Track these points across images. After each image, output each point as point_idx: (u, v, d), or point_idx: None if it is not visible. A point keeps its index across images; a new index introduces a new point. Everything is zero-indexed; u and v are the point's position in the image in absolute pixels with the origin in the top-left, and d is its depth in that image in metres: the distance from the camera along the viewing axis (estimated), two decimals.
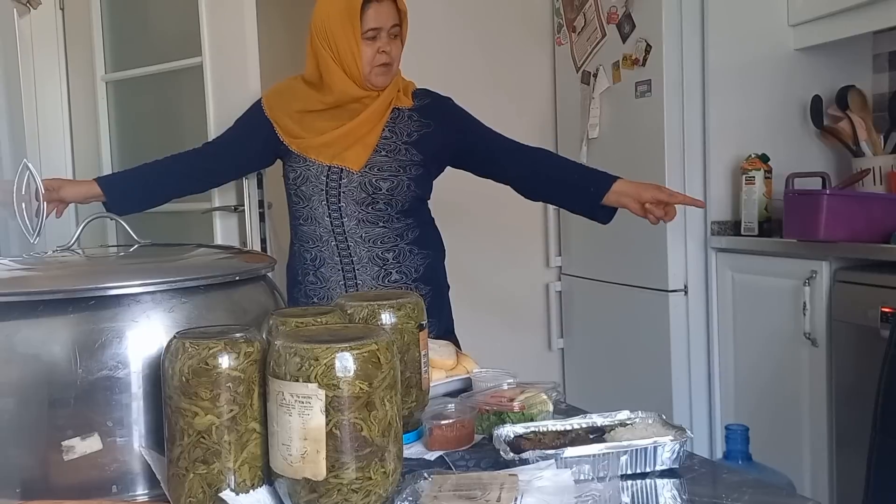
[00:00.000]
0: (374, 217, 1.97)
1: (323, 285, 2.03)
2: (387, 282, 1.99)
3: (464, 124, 2.06)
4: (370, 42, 1.91)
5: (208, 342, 0.88)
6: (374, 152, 1.96)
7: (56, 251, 1.23)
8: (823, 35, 2.56)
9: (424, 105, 2.04)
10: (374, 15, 1.91)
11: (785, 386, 2.36)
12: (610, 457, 1.00)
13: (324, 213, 1.98)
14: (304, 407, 0.84)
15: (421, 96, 2.07)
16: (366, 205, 1.95)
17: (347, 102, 1.98)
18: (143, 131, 2.83)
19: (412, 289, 1.99)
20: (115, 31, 2.80)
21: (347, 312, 1.12)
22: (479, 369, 1.46)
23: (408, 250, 2.01)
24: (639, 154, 2.76)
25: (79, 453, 0.94)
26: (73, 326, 0.97)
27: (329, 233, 1.99)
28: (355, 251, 1.98)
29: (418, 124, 2.00)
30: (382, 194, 1.95)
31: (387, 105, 1.99)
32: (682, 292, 2.68)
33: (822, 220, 2.17)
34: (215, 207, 2.53)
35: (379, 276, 1.99)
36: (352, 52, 1.91)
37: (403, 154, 1.97)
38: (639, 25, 2.72)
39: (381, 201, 1.96)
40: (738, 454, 1.49)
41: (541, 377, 1.39)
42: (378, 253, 1.98)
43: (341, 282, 2.00)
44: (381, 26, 1.91)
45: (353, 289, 1.99)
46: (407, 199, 1.98)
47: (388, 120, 1.99)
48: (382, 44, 1.92)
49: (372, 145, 1.96)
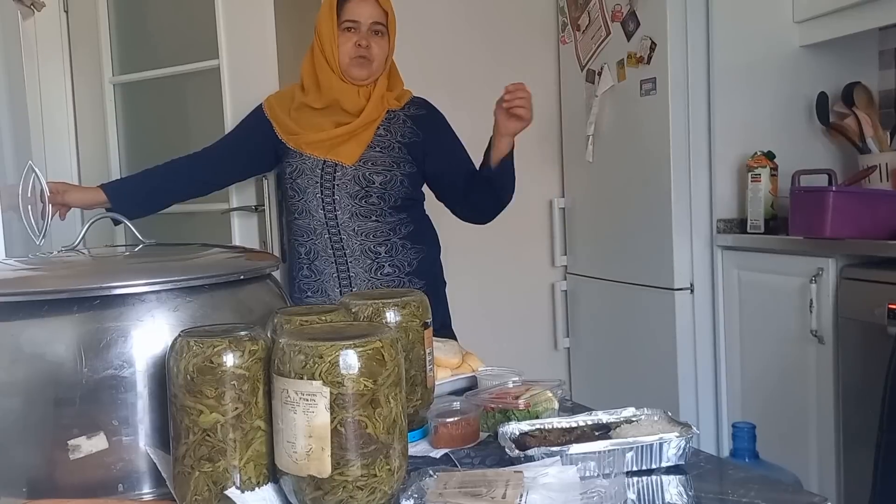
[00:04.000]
0: (367, 211, 2.01)
1: (317, 278, 2.08)
2: (379, 275, 2.03)
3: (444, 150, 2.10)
4: (348, 34, 2.02)
5: (213, 340, 0.88)
6: (368, 148, 2.03)
7: (61, 251, 1.23)
8: (829, 32, 2.55)
9: (419, 115, 2.10)
10: (353, 8, 2.02)
11: (792, 384, 2.36)
12: (615, 453, 1.00)
13: (318, 206, 2.03)
14: (309, 404, 0.84)
15: (417, 105, 2.11)
16: (359, 198, 2.00)
17: (338, 99, 2.03)
18: (152, 134, 2.84)
19: (405, 282, 2.03)
20: (123, 33, 2.81)
21: (352, 311, 1.12)
22: (485, 367, 1.46)
23: (400, 245, 2.05)
24: (644, 152, 2.76)
25: (84, 452, 0.94)
26: (78, 326, 0.97)
27: (323, 226, 2.04)
28: (348, 244, 2.03)
29: (411, 131, 2.06)
30: (376, 188, 2.00)
31: (380, 106, 2.05)
32: (688, 290, 2.68)
33: (828, 217, 2.16)
34: (234, 208, 2.54)
35: (371, 269, 2.03)
36: (332, 43, 2.02)
37: (397, 151, 2.03)
38: (643, 23, 2.72)
39: (375, 195, 2.01)
40: (745, 452, 1.49)
41: (547, 376, 1.39)
42: (370, 246, 2.02)
43: (334, 274, 2.05)
44: (359, 20, 2.01)
45: (345, 281, 2.04)
46: (400, 195, 2.03)
47: (382, 120, 2.05)
48: (360, 37, 2.01)
49: (366, 142, 2.02)
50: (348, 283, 2.04)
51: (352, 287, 2.04)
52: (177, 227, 2.69)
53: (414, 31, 3.07)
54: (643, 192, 2.78)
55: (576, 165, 3.21)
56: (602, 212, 3.06)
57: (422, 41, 3.11)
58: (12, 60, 2.00)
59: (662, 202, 2.67)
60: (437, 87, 2.35)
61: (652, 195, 2.73)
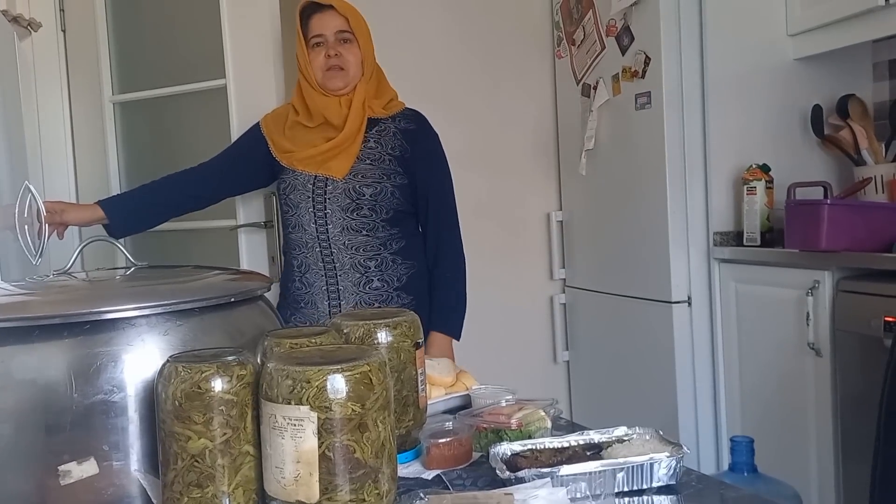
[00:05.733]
0: (358, 224, 2.03)
1: (307, 290, 2.11)
2: (367, 289, 2.05)
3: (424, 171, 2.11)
4: (318, 49, 2.08)
5: (201, 366, 0.89)
6: (358, 161, 2.05)
7: (53, 275, 1.24)
8: (822, 44, 2.56)
9: (409, 129, 2.10)
10: (315, 23, 2.08)
11: (790, 396, 2.35)
12: (606, 474, 1.00)
13: (310, 220, 2.06)
14: (297, 430, 0.84)
15: (409, 118, 2.12)
16: (350, 211, 2.02)
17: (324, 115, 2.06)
18: (152, 152, 2.85)
19: (393, 297, 2.05)
20: (122, 52, 2.83)
21: (343, 332, 1.13)
22: (478, 386, 1.45)
23: (391, 259, 2.06)
24: (640, 166, 2.76)
25: (75, 478, 0.94)
26: (68, 351, 0.97)
27: (314, 239, 2.06)
28: (338, 258, 2.05)
29: (401, 145, 2.07)
30: (366, 200, 2.02)
31: (361, 113, 2.07)
32: (685, 303, 2.68)
33: (823, 229, 2.16)
34: (242, 224, 2.55)
35: (360, 283, 2.05)
36: (306, 63, 2.09)
37: (387, 164, 2.05)
38: (638, 38, 2.73)
39: (366, 207, 2.03)
40: (744, 466, 1.48)
41: (546, 390, 1.40)
42: (360, 260, 2.04)
43: (324, 287, 2.07)
44: (324, 32, 2.07)
45: (334, 294, 2.07)
46: (391, 207, 2.04)
47: (372, 131, 2.07)
48: (329, 48, 2.06)
49: (355, 154, 2.05)
50: (337, 297, 2.06)
51: (340, 300, 2.06)
52: (184, 244, 2.71)
53: (410, 46, 3.10)
54: (640, 205, 2.79)
55: (573, 179, 3.21)
56: (599, 225, 3.06)
57: (418, 56, 3.13)
58: (8, 81, 2.01)
59: (659, 215, 2.67)
60: (433, 103, 2.36)
61: (648, 208, 2.73)
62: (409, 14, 3.16)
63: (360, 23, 2.09)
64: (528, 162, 3.35)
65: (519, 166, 3.34)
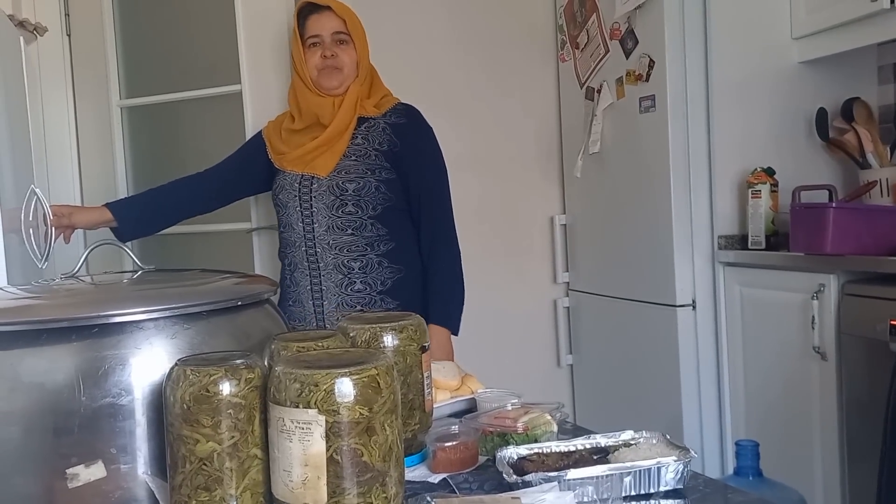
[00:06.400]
0: (343, 223, 2.03)
1: (295, 289, 2.13)
2: (350, 290, 2.05)
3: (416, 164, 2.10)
4: (314, 49, 2.10)
5: (209, 369, 0.89)
6: (343, 158, 2.06)
7: (61, 279, 1.24)
8: (827, 48, 2.56)
9: (399, 123, 2.10)
10: (313, 24, 2.11)
11: (795, 400, 2.35)
12: (613, 478, 1.00)
13: (297, 219, 2.08)
14: (305, 433, 0.84)
15: (399, 113, 2.13)
16: (335, 208, 2.03)
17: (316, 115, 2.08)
18: (160, 157, 2.86)
19: (377, 301, 2.04)
20: (129, 57, 2.84)
21: (350, 335, 1.13)
22: (484, 389, 1.45)
23: (377, 262, 2.05)
24: (644, 169, 2.76)
25: (83, 481, 0.94)
26: (76, 354, 0.97)
27: (301, 238, 2.08)
28: (322, 257, 2.06)
29: (389, 139, 2.06)
30: (350, 195, 2.02)
31: (351, 112, 2.07)
32: (690, 307, 2.67)
33: (828, 233, 2.16)
34: (256, 227, 2.57)
35: (342, 285, 2.05)
36: (301, 62, 2.11)
37: (373, 159, 2.05)
38: (641, 41, 2.73)
39: (350, 203, 2.03)
40: (749, 470, 1.48)
41: (550, 394, 1.39)
42: (344, 261, 2.04)
43: (308, 287, 2.09)
44: (321, 33, 2.10)
45: (317, 294, 2.08)
46: (377, 203, 2.04)
47: (361, 128, 2.08)
48: (325, 49, 2.09)
49: (340, 151, 2.06)
50: (320, 297, 2.07)
51: (323, 300, 2.07)
52: (198, 247, 2.72)
53: (413, 49, 3.11)
54: (644, 208, 2.78)
55: (576, 182, 3.21)
56: (603, 228, 3.06)
57: (421, 60, 3.13)
58: (14, 85, 2.01)
59: (663, 219, 2.67)
60: (436, 106, 2.37)
61: (653, 212, 2.73)
62: (412, 17, 3.16)
63: (356, 25, 2.11)
64: (532, 165, 3.35)
65: (522, 170, 3.34)
